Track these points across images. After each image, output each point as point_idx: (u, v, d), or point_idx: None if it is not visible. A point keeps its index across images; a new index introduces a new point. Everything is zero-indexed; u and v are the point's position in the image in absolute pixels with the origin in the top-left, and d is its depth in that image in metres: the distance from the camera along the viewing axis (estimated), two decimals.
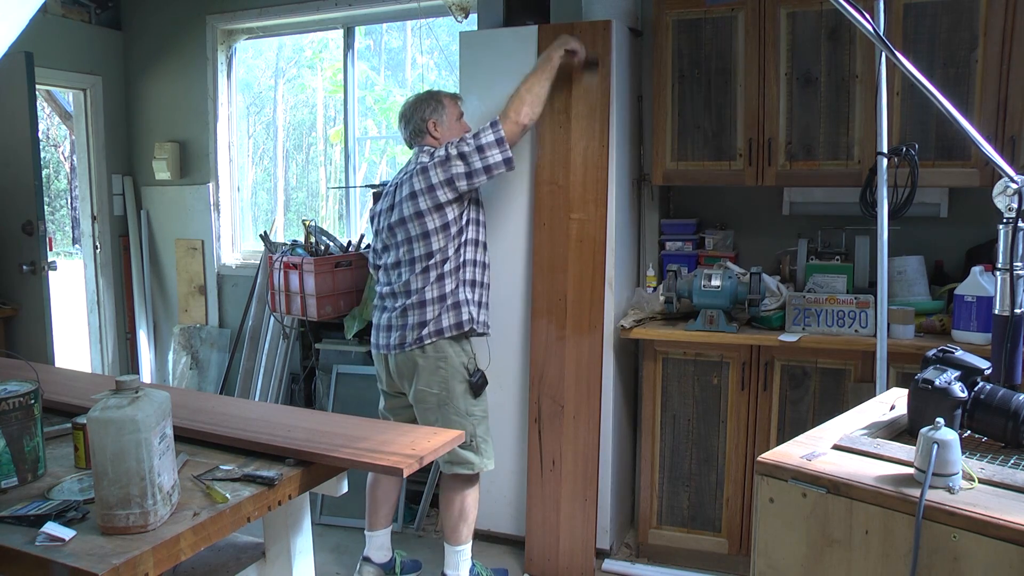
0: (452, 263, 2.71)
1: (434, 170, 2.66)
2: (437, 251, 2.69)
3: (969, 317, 2.62)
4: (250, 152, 5.18)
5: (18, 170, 4.03)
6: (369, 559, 2.94)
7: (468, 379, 2.73)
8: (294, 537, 1.87)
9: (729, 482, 2.98)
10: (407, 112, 2.84)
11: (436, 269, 2.70)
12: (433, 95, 2.85)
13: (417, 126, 2.80)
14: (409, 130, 2.83)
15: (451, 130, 2.81)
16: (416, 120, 2.80)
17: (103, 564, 1.26)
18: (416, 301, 2.71)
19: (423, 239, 2.69)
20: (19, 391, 1.60)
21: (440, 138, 2.79)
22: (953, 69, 2.73)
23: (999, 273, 1.69)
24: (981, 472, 1.31)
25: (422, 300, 2.70)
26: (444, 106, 2.82)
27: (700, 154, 3.11)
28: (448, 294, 2.71)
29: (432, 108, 2.80)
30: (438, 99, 2.83)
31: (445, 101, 2.83)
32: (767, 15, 2.94)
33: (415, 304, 2.71)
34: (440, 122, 2.80)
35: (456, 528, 2.77)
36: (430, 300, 2.70)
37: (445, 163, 2.65)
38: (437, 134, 2.80)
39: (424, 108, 2.80)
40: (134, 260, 4.79)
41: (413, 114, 2.81)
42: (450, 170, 2.65)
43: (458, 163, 2.65)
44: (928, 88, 1.58)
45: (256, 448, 1.77)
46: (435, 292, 2.70)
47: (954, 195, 2.97)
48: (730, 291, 2.91)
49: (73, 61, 4.50)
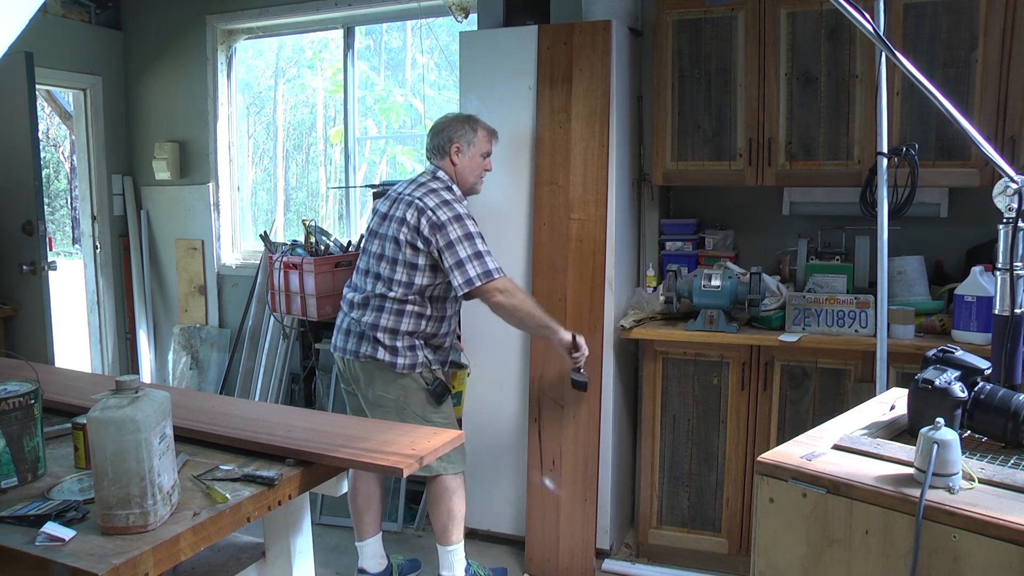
0: (413, 305, 2.65)
1: (427, 223, 2.59)
2: (402, 282, 2.63)
3: (969, 317, 2.62)
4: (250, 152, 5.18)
5: (18, 170, 4.03)
6: (364, 570, 2.92)
7: (426, 387, 2.69)
8: (294, 537, 1.87)
9: (729, 482, 2.98)
10: (439, 126, 2.78)
11: (396, 303, 2.65)
12: (472, 121, 2.79)
13: (442, 144, 2.74)
14: (433, 144, 2.77)
15: (471, 163, 2.76)
16: (444, 138, 2.74)
17: (103, 564, 1.26)
18: (371, 322, 2.66)
19: (392, 264, 2.65)
20: (19, 391, 1.60)
21: (457, 165, 2.74)
22: (953, 69, 2.73)
23: (999, 273, 1.69)
24: (981, 472, 1.31)
25: (376, 323, 2.65)
26: (476, 136, 2.76)
27: (700, 154, 3.11)
28: (403, 334, 2.65)
29: (463, 132, 2.74)
30: (474, 127, 2.77)
31: (480, 132, 2.77)
32: (767, 15, 2.94)
33: (371, 324, 2.66)
34: (464, 150, 2.74)
35: (445, 529, 2.75)
36: (383, 327, 2.65)
37: (438, 230, 2.59)
38: (456, 160, 2.74)
39: (457, 128, 2.75)
40: (134, 260, 4.79)
41: (444, 130, 2.75)
42: (434, 240, 2.59)
43: (443, 247, 2.58)
44: (928, 88, 1.58)
45: (256, 448, 1.77)
46: (389, 322, 2.65)
47: (954, 195, 2.97)
48: (730, 291, 2.91)
49: (73, 61, 4.50)
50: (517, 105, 3.13)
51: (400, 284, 2.64)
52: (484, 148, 2.79)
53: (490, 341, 3.23)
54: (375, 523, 2.92)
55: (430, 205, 2.61)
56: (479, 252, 2.59)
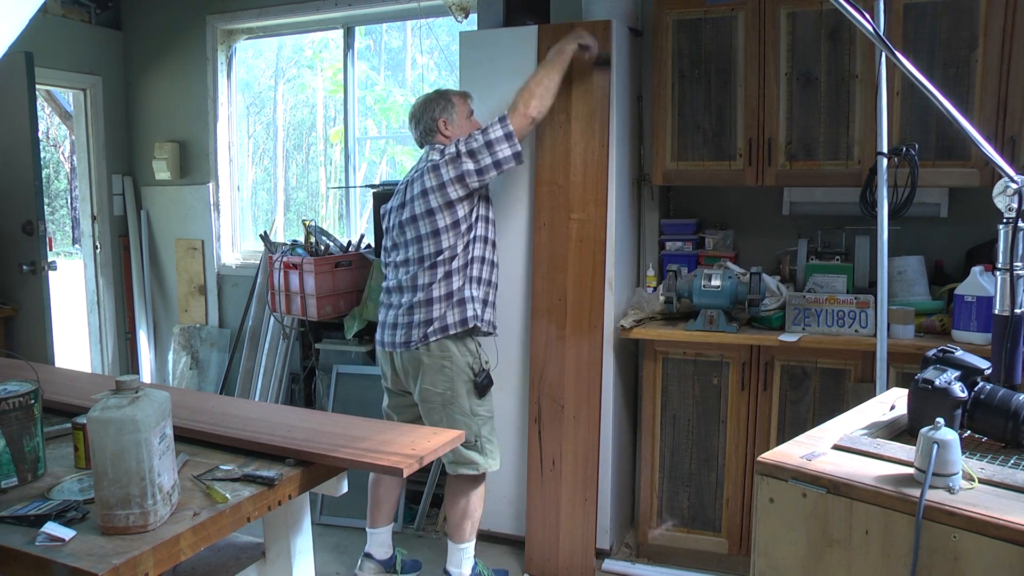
0: (460, 260, 2.71)
1: (445, 167, 2.67)
2: (447, 248, 2.69)
3: (969, 317, 2.62)
4: (250, 152, 5.18)
5: (18, 170, 4.03)
6: (370, 555, 2.95)
7: (473, 379, 2.73)
8: (294, 537, 1.87)
9: (729, 482, 2.98)
10: (417, 112, 2.84)
11: (444, 266, 2.70)
12: (442, 94, 2.85)
13: (428, 126, 2.80)
14: (420, 130, 2.83)
15: (461, 128, 2.82)
16: (427, 120, 2.80)
17: (103, 564, 1.26)
18: (423, 299, 2.71)
19: (433, 237, 2.70)
20: (19, 391, 1.60)
21: (451, 136, 2.79)
22: (953, 69, 2.73)
23: (999, 273, 1.69)
24: (981, 472, 1.31)
25: (429, 298, 2.70)
26: (454, 104, 2.82)
27: (700, 154, 3.11)
28: (455, 291, 2.71)
29: (442, 107, 2.80)
30: (447, 98, 2.83)
31: (455, 99, 2.83)
32: (767, 15, 2.94)
33: (422, 301, 2.71)
34: (451, 120, 2.80)
35: (460, 526, 2.78)
36: (437, 298, 2.70)
37: (455, 160, 2.66)
38: (448, 132, 2.80)
39: (434, 107, 2.80)
40: (134, 260, 4.79)
41: (423, 114, 2.81)
42: (460, 167, 2.65)
43: (467, 160, 2.66)
44: (928, 88, 1.58)
45: (256, 448, 1.77)
46: (442, 289, 2.70)
47: (954, 195, 2.97)
48: (730, 291, 2.91)
49: (73, 61, 4.50)
50: None
51: (431, 256, 2.69)
52: (466, 110, 2.86)
53: (489, 340, 3.23)
54: (390, 514, 2.96)
55: (435, 159, 2.70)
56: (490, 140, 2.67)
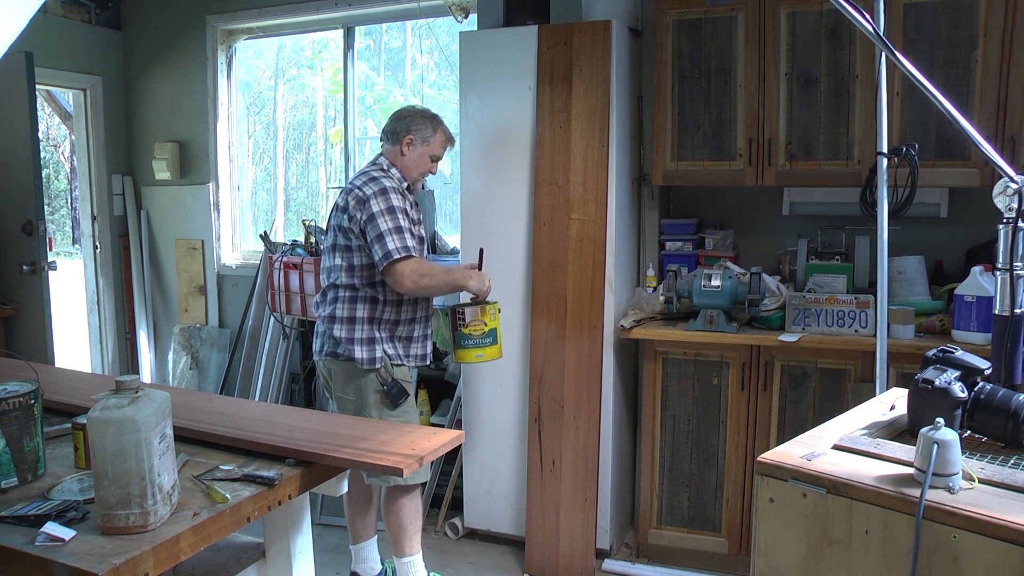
0: (364, 290, 2.64)
1: (355, 199, 2.59)
2: (343, 269, 2.63)
3: (969, 317, 2.62)
4: (250, 152, 5.18)
5: (18, 170, 4.03)
6: (356, 574, 2.90)
7: (381, 388, 2.64)
8: (294, 537, 1.87)
9: (729, 482, 2.98)
10: (403, 113, 2.77)
11: (346, 290, 2.64)
12: (435, 121, 2.77)
13: (397, 131, 2.72)
14: (390, 127, 2.74)
15: (419, 160, 2.73)
16: (402, 126, 2.72)
17: (103, 564, 1.26)
18: (328, 314, 2.66)
19: (335, 251, 2.66)
20: (19, 391, 1.60)
21: (404, 156, 2.71)
22: (953, 69, 2.73)
23: (999, 273, 1.70)
24: (981, 472, 1.31)
25: (333, 315, 2.65)
26: (434, 137, 2.74)
27: (700, 154, 3.11)
28: (360, 322, 2.63)
29: (421, 128, 2.72)
30: (435, 127, 2.75)
31: (438, 135, 2.75)
32: (767, 15, 2.94)
33: (328, 317, 2.67)
34: (415, 145, 2.71)
35: (398, 541, 2.71)
36: (340, 318, 2.64)
37: (362, 204, 2.58)
38: (405, 151, 2.71)
39: (417, 122, 2.72)
40: (134, 260, 4.79)
41: (405, 118, 2.74)
42: (359, 215, 2.57)
43: (365, 219, 2.57)
44: (928, 88, 1.58)
45: (256, 448, 1.77)
46: (344, 312, 2.64)
47: (954, 195, 2.97)
48: (730, 291, 2.91)
49: (73, 61, 4.50)
50: (517, 105, 3.13)
51: (343, 270, 2.64)
52: (436, 151, 2.78)
53: None
54: (371, 526, 2.90)
55: (358, 183, 2.64)
56: (400, 228, 2.56)
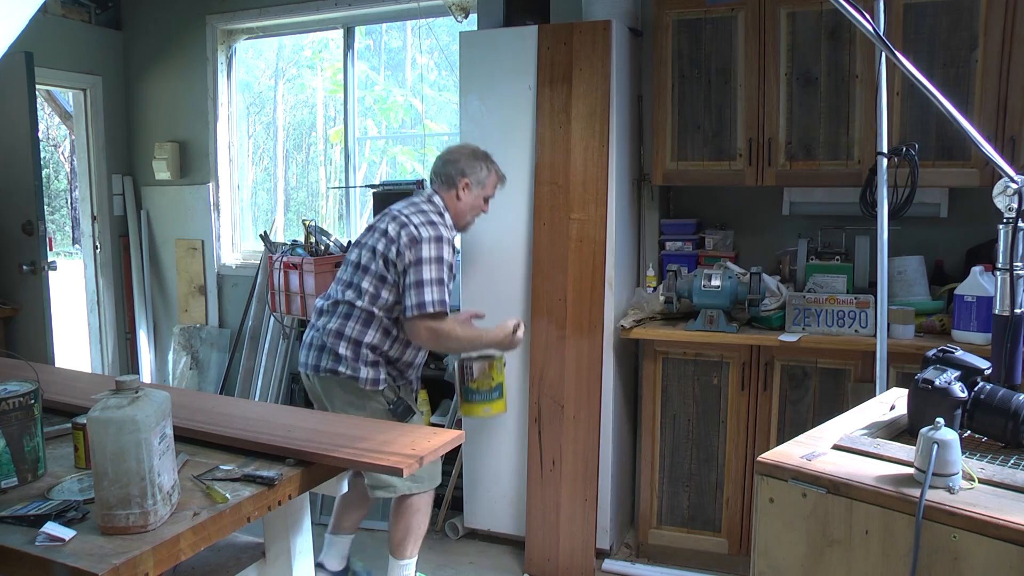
0: (380, 319, 2.57)
1: (408, 236, 2.56)
2: (368, 294, 2.58)
3: (969, 317, 2.62)
4: (250, 152, 5.18)
5: (18, 170, 4.03)
6: (322, 565, 2.83)
7: (388, 406, 2.61)
8: (294, 537, 1.87)
9: (729, 482, 2.98)
10: (455, 155, 2.73)
11: (364, 313, 2.58)
12: (488, 161, 2.75)
13: (452, 175, 2.69)
14: (444, 171, 2.71)
15: (474, 202, 2.73)
16: (456, 169, 2.69)
17: (103, 564, 1.26)
18: (336, 328, 2.58)
19: (365, 272, 2.60)
20: (19, 391, 1.60)
21: (461, 201, 2.70)
22: (953, 69, 2.73)
23: (999, 273, 1.69)
24: (981, 472, 1.31)
25: (341, 332, 2.57)
26: (488, 178, 2.73)
27: (700, 154, 3.11)
28: (366, 346, 2.57)
29: (476, 170, 2.70)
30: (489, 168, 2.74)
31: (492, 176, 2.75)
32: (767, 15, 2.94)
33: (335, 331, 2.58)
34: (472, 187, 2.70)
35: (403, 543, 2.68)
36: (347, 336, 2.57)
37: (414, 243, 2.54)
38: (462, 195, 2.70)
39: (471, 164, 2.70)
40: (134, 260, 4.79)
41: (458, 160, 2.70)
42: (408, 253, 2.54)
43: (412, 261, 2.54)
44: (928, 88, 1.58)
45: (256, 448, 1.77)
46: (354, 332, 2.57)
47: (954, 195, 2.97)
48: (730, 291, 2.91)
49: (73, 61, 4.50)
50: (517, 105, 3.13)
51: (367, 295, 2.58)
52: (490, 192, 2.78)
53: None
54: (354, 524, 2.89)
55: (415, 221, 2.59)
56: (442, 280, 2.54)
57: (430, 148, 4.77)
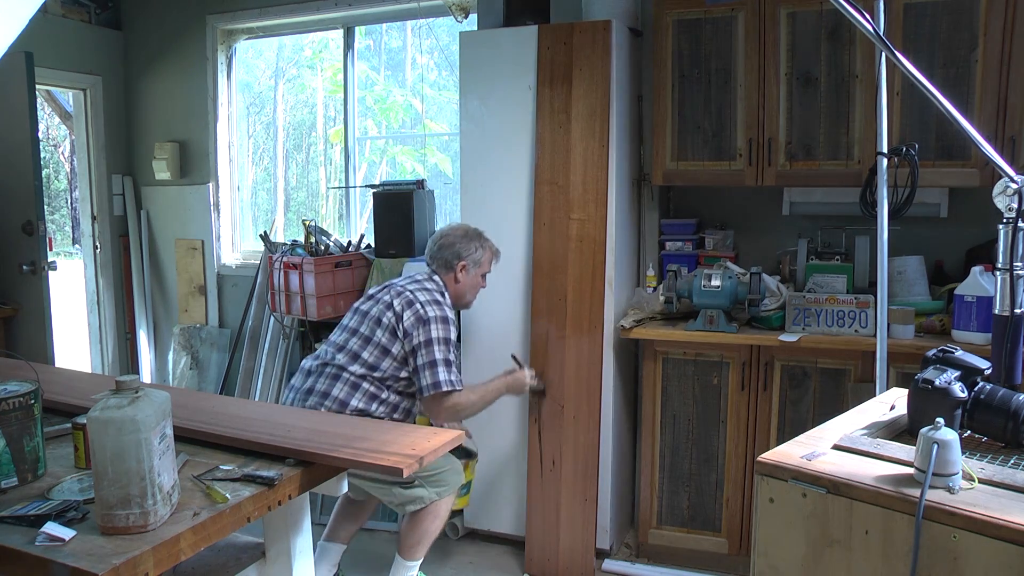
0: (370, 386, 2.59)
1: (414, 314, 2.59)
2: (365, 363, 2.59)
3: (969, 317, 2.62)
4: (250, 152, 5.17)
5: (18, 170, 4.03)
6: None
7: None
8: (294, 537, 1.87)
9: (729, 482, 2.98)
10: (449, 239, 2.77)
11: (353, 376, 2.59)
12: (482, 240, 2.80)
13: (448, 259, 2.74)
14: (440, 256, 2.76)
15: (473, 281, 2.79)
16: (452, 253, 2.74)
17: (103, 564, 1.26)
18: (323, 390, 2.59)
19: (365, 341, 2.61)
20: (19, 391, 1.60)
21: (460, 283, 2.75)
22: (953, 69, 2.73)
23: (999, 273, 1.70)
24: (981, 472, 1.31)
25: (327, 392, 2.58)
26: (484, 257, 2.79)
27: (700, 154, 3.11)
28: (350, 410, 2.56)
29: (472, 251, 2.76)
30: (483, 247, 2.79)
31: (487, 254, 2.80)
32: (767, 15, 2.94)
33: (322, 392, 2.58)
34: (469, 269, 2.76)
35: (417, 545, 2.68)
36: (333, 397, 2.57)
37: (422, 324, 2.57)
38: (460, 277, 2.75)
39: (466, 246, 2.76)
40: (134, 260, 4.79)
41: (454, 244, 2.75)
42: (415, 333, 2.57)
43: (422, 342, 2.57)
44: (928, 88, 1.58)
45: (256, 448, 1.77)
46: (341, 393, 2.58)
47: (954, 195, 2.97)
48: (730, 291, 2.91)
49: (73, 61, 4.50)
50: (517, 105, 3.13)
51: (364, 363, 2.59)
52: (486, 268, 2.83)
53: (489, 340, 3.23)
54: (348, 535, 2.89)
55: (420, 299, 2.62)
56: (449, 361, 2.59)
57: (430, 148, 4.77)
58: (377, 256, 3.82)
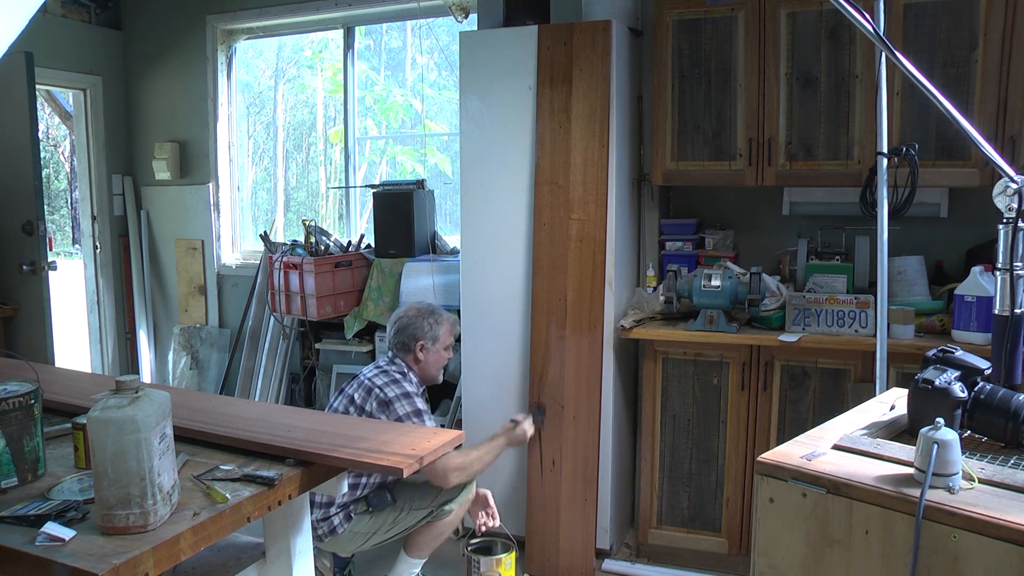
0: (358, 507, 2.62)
1: (376, 399, 2.61)
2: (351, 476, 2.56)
3: (969, 317, 2.62)
4: (250, 152, 5.18)
5: (18, 170, 4.03)
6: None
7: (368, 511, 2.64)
8: (294, 537, 1.87)
9: (729, 482, 2.98)
10: (403, 323, 2.77)
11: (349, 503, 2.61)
12: (435, 316, 2.79)
13: (406, 342, 2.75)
14: (398, 340, 2.76)
15: (436, 357, 2.78)
16: (407, 336, 2.74)
17: (103, 564, 1.26)
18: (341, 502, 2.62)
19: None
20: (19, 391, 1.60)
21: (422, 362, 2.75)
22: (953, 69, 2.73)
23: (999, 273, 1.70)
24: (981, 472, 1.31)
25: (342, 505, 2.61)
26: (441, 332, 2.77)
27: (700, 154, 3.11)
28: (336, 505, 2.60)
29: (427, 330, 2.75)
30: (439, 322, 2.78)
31: (444, 327, 2.79)
32: (767, 15, 2.94)
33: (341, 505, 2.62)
34: (428, 347, 2.75)
35: (423, 545, 2.71)
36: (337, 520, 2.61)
37: (385, 407, 2.59)
38: (421, 356, 2.75)
39: (420, 326, 2.75)
40: (134, 260, 4.79)
41: (408, 327, 2.75)
42: (382, 419, 2.57)
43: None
44: (928, 88, 1.58)
45: (256, 448, 1.77)
46: (342, 522, 2.62)
47: (954, 195, 2.97)
48: (730, 291, 2.90)
49: (73, 61, 4.50)
50: (517, 105, 3.13)
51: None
52: (448, 341, 2.81)
53: (489, 341, 3.23)
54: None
55: (378, 383, 2.64)
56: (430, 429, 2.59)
57: (430, 148, 4.77)
58: (377, 256, 3.83)
